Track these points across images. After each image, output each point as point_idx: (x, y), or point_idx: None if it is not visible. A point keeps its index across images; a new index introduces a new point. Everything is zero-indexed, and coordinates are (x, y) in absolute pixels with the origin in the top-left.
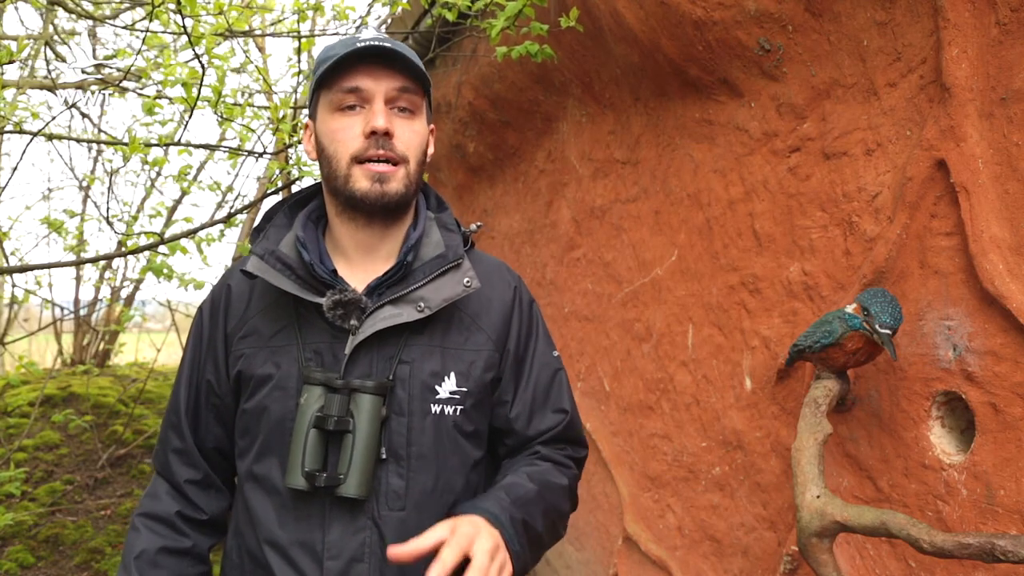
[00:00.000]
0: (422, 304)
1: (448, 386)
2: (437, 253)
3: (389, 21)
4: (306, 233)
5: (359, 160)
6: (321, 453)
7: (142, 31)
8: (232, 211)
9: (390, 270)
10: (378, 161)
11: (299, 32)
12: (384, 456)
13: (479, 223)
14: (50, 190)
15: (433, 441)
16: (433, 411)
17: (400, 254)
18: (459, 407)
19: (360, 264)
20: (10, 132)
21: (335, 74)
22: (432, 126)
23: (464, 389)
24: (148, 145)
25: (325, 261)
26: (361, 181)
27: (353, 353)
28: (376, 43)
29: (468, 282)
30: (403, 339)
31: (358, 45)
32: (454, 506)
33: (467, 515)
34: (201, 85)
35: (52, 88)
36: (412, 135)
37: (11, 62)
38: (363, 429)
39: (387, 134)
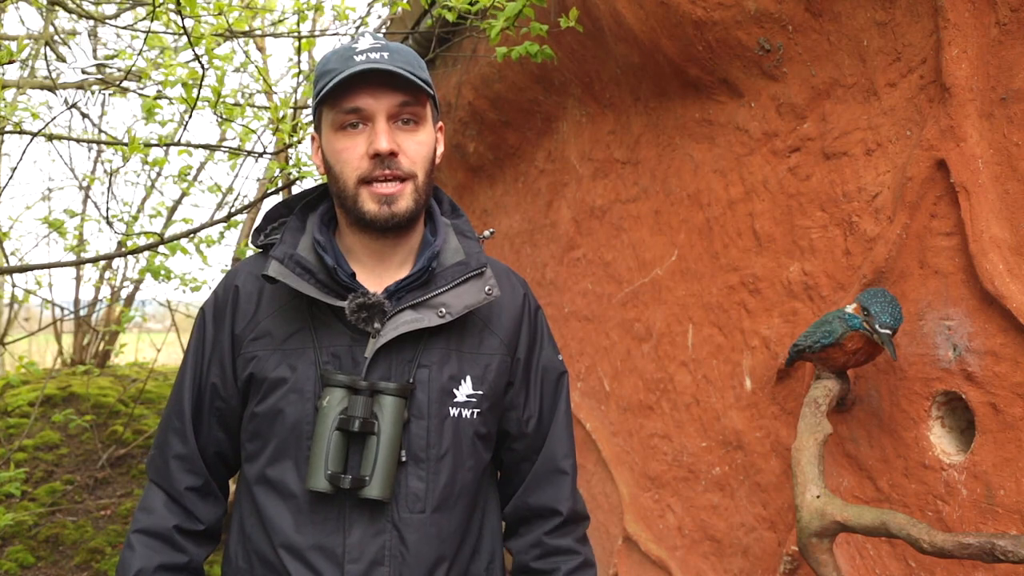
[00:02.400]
0: (443, 310)
1: (465, 389)
2: (457, 260)
3: (389, 22)
4: (324, 237)
5: (366, 181)
6: (343, 455)
7: (143, 31)
8: (232, 211)
9: (413, 275)
10: (384, 180)
11: (299, 32)
12: (404, 459)
13: (492, 230)
14: (50, 190)
15: (452, 443)
16: (451, 414)
17: (423, 260)
18: (475, 410)
19: (373, 269)
20: (10, 132)
21: (335, 93)
22: (440, 124)
23: (480, 392)
24: (148, 145)
25: (343, 265)
26: (369, 203)
27: (372, 357)
28: (375, 57)
29: (489, 290)
30: (421, 343)
31: (355, 60)
32: (471, 507)
33: None
34: (201, 85)
35: (52, 88)
36: (418, 147)
37: (11, 62)
38: (387, 431)
39: (392, 154)
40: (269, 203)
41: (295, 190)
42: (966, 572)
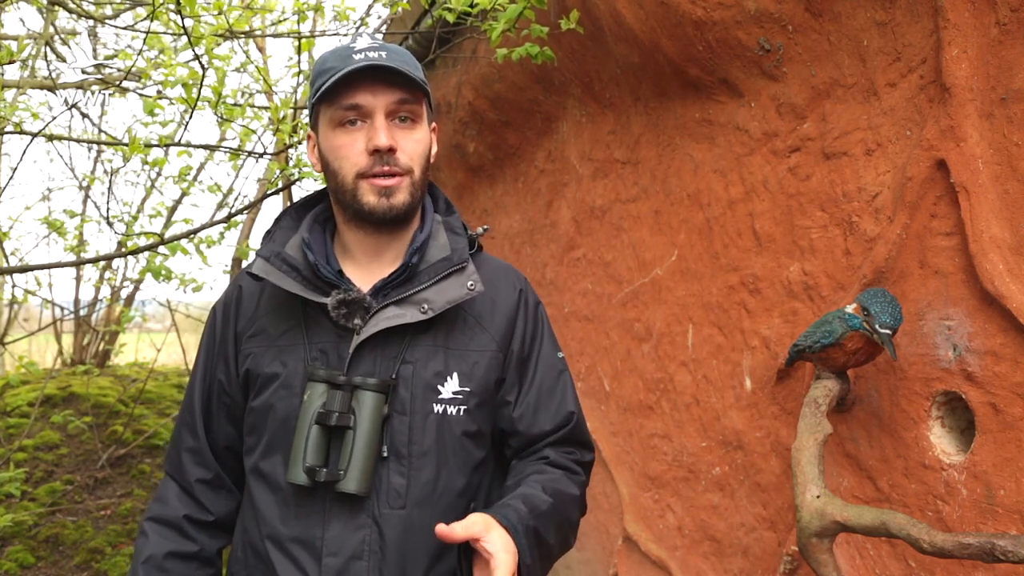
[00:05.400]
0: (426, 306)
1: (451, 386)
2: (442, 256)
3: (389, 22)
4: (312, 235)
5: (364, 176)
6: (323, 449)
7: (143, 31)
8: (232, 212)
9: (395, 271)
10: (383, 176)
11: (299, 33)
12: (386, 454)
13: (486, 226)
14: (50, 190)
15: (435, 440)
16: (435, 411)
17: (406, 256)
18: (462, 407)
19: (367, 266)
20: (10, 132)
21: (334, 90)
22: (434, 125)
23: (467, 389)
24: (148, 145)
25: (331, 262)
26: (368, 196)
27: (357, 352)
28: (374, 56)
29: (472, 285)
30: (407, 339)
31: (354, 58)
32: (458, 505)
33: (494, 518)
34: (201, 86)
35: (52, 88)
36: (415, 145)
37: (11, 62)
38: (364, 426)
39: (390, 150)
40: (269, 203)
41: (295, 190)
42: (966, 572)
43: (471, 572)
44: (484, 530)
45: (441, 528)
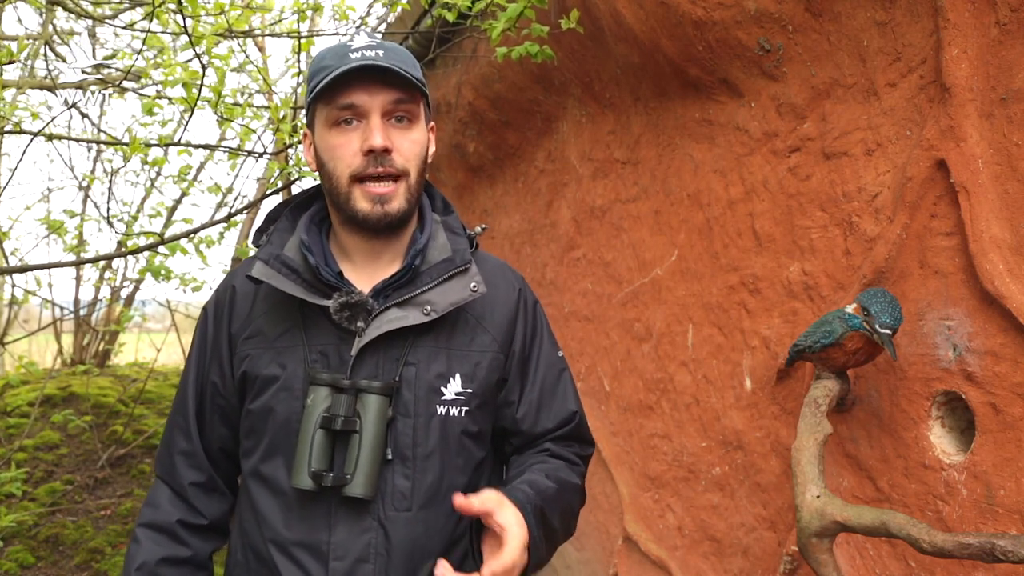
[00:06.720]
0: (428, 308)
1: (453, 387)
2: (443, 257)
3: (389, 20)
4: (310, 236)
5: (359, 179)
6: (327, 453)
7: (142, 31)
8: (232, 211)
9: (397, 273)
10: (378, 179)
11: (299, 32)
12: (390, 457)
13: (484, 225)
14: (50, 190)
15: (439, 442)
16: (439, 412)
17: (407, 258)
18: (464, 408)
19: (364, 267)
20: (10, 132)
21: (330, 89)
22: (432, 124)
23: (469, 390)
24: (148, 145)
25: (331, 264)
26: (362, 202)
27: (359, 355)
28: (371, 55)
29: (475, 287)
30: (409, 341)
31: (351, 56)
32: None
33: (506, 495)
34: (201, 85)
35: (52, 88)
36: (411, 145)
37: (11, 62)
38: (369, 429)
39: (385, 151)
40: (269, 203)
41: (295, 190)
42: (966, 572)
43: (480, 548)
44: (498, 505)
45: (459, 500)
